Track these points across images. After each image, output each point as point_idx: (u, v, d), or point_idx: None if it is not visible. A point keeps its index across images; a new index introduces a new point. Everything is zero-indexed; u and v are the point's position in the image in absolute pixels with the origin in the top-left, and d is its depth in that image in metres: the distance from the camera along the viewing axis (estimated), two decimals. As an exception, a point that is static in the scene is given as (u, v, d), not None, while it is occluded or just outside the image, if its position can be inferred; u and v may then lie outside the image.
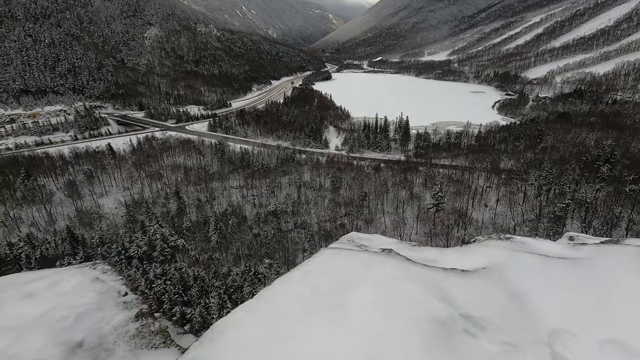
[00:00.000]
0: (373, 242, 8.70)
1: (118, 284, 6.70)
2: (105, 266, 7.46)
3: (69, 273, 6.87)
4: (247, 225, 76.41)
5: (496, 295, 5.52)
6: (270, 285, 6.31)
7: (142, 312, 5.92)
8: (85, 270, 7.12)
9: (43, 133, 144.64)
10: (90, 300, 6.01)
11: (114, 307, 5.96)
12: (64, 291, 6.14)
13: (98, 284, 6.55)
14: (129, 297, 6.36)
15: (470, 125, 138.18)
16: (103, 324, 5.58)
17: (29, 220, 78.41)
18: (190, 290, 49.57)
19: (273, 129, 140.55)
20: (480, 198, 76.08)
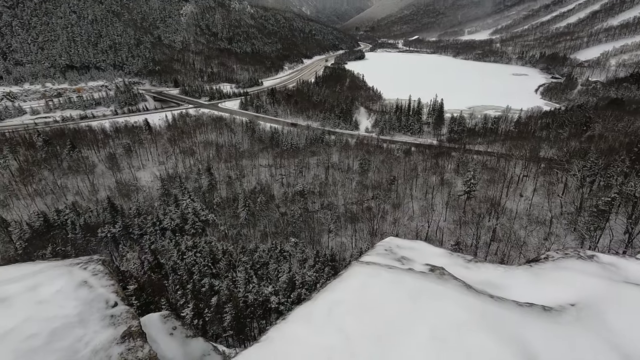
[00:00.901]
0: (416, 252, 7.12)
1: (108, 291, 5.65)
2: (98, 266, 6.42)
3: (54, 273, 5.91)
4: (274, 203, 77.80)
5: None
6: (285, 321, 4.97)
7: (131, 332, 4.86)
8: (74, 271, 6.10)
9: (87, 107, 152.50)
10: (71, 311, 4.95)
11: (98, 322, 4.89)
12: (43, 298, 5.14)
13: (84, 291, 5.49)
14: (118, 310, 5.28)
15: (510, 110, 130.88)
16: (81, 346, 4.49)
17: (74, 189, 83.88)
18: (219, 263, 51.68)
19: (303, 108, 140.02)
20: (516, 187, 72.73)
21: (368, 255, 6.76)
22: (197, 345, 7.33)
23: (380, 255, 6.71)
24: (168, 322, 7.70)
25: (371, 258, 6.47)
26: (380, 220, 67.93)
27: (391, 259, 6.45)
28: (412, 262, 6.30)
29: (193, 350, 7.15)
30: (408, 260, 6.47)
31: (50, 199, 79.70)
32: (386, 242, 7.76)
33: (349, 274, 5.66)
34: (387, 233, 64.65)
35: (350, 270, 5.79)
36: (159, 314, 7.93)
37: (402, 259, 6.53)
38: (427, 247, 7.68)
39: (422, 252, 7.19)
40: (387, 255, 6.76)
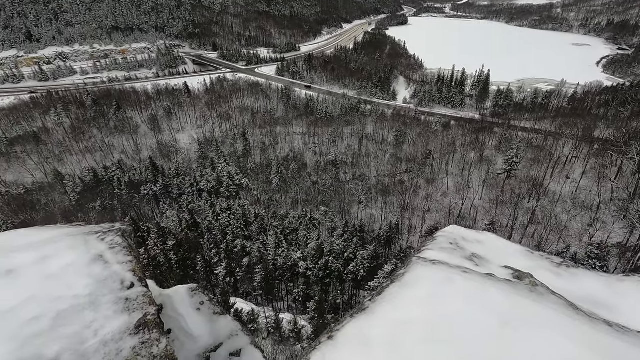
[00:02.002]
0: (487, 248, 5.75)
1: (124, 268, 4.91)
2: (117, 237, 5.64)
3: (68, 243, 5.19)
4: (306, 172, 78.44)
5: None
6: (332, 342, 3.93)
7: (147, 321, 4.15)
8: (90, 241, 5.39)
9: (130, 69, 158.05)
10: (81, 291, 4.30)
11: (110, 306, 4.21)
12: (52, 272, 4.52)
13: (98, 266, 4.80)
14: (134, 292, 4.56)
15: (565, 84, 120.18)
16: (89, 334, 3.80)
17: (119, 147, 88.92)
18: (251, 226, 53.70)
19: (340, 76, 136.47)
20: (562, 169, 68.11)
21: (429, 249, 5.46)
22: (224, 323, 6.80)
23: (445, 250, 5.35)
24: (196, 297, 7.16)
25: (435, 254, 5.16)
26: (413, 194, 66.75)
27: (460, 257, 5.15)
28: (486, 263, 5.07)
29: (220, 329, 6.65)
30: (481, 259, 5.20)
31: (99, 156, 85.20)
32: (449, 231, 6.41)
33: (412, 278, 4.46)
34: (418, 208, 63.69)
35: (412, 271, 4.59)
36: (187, 286, 7.47)
37: (473, 257, 5.22)
38: (498, 240, 6.24)
39: (494, 248, 5.74)
40: (453, 250, 5.40)
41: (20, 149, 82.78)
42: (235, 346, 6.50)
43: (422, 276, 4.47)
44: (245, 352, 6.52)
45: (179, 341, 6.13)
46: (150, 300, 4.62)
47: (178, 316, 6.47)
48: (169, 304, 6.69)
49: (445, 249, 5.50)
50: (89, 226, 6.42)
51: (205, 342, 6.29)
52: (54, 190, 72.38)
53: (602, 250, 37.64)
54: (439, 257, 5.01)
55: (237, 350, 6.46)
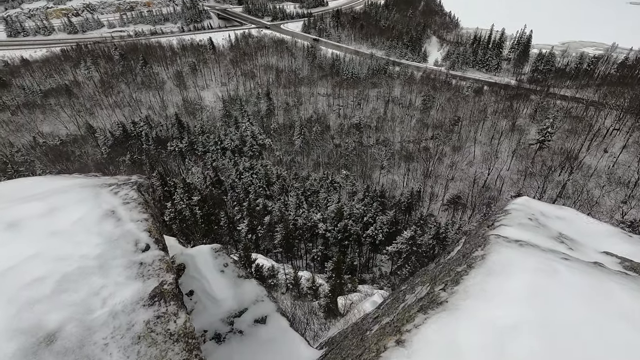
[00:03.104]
0: (572, 226, 4.65)
1: (139, 228, 4.31)
2: (131, 192, 5.01)
3: (77, 196, 4.62)
4: (329, 134, 77.65)
5: None
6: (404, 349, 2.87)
7: (162, 291, 3.64)
8: (102, 194, 4.76)
9: (156, 23, 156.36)
10: (90, 251, 3.79)
11: (122, 271, 3.69)
12: (58, 228, 3.97)
13: (109, 224, 4.22)
14: (150, 255, 4.00)
15: (616, 49, 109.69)
16: (97, 302, 3.34)
17: (146, 103, 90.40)
18: (273, 186, 54.62)
19: (369, 34, 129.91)
20: (601, 141, 64.13)
21: (505, 225, 4.36)
22: (249, 288, 6.34)
23: (525, 227, 4.29)
24: (219, 258, 6.69)
25: (516, 232, 4.13)
26: (437, 162, 65.27)
27: (547, 237, 4.07)
28: (580, 247, 4.05)
29: (245, 293, 6.19)
30: (572, 241, 4.12)
31: (127, 111, 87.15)
32: (522, 203, 5.22)
33: (498, 263, 3.47)
34: (441, 176, 62.49)
35: (495, 253, 3.61)
36: (210, 246, 6.96)
37: (562, 237, 4.15)
38: (583, 217, 5.05)
39: (582, 227, 4.65)
40: (536, 228, 4.27)
41: (54, 102, 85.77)
42: (261, 312, 6.07)
43: (511, 262, 3.45)
44: (271, 320, 6.01)
45: (201, 304, 5.82)
46: (168, 266, 4.01)
47: (201, 277, 6.17)
48: (191, 264, 6.37)
49: (525, 225, 4.34)
50: (103, 177, 5.92)
51: (229, 307, 5.95)
52: (86, 142, 75.51)
53: (634, 228, 36.12)
54: (522, 237, 3.96)
55: (262, 317, 6.01)
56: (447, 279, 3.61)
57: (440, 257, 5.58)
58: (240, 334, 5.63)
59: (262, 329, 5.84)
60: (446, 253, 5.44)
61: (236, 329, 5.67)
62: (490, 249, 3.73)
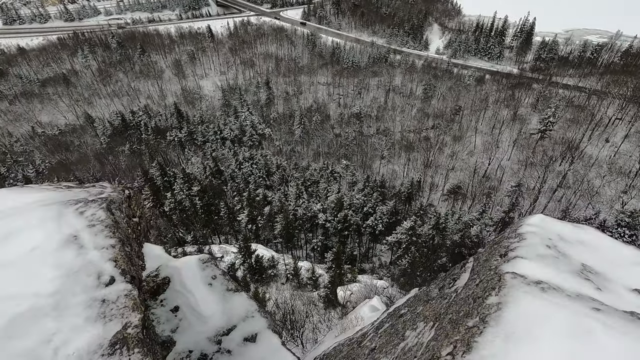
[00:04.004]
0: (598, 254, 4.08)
1: (104, 256, 3.80)
2: (99, 212, 4.39)
3: (38, 216, 4.05)
4: (329, 124, 77.18)
5: None
6: None
7: (125, 337, 3.15)
8: (66, 215, 4.17)
9: (154, 10, 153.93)
10: (45, 287, 3.27)
11: (81, 311, 3.19)
12: (11, 259, 3.47)
13: (71, 252, 3.69)
14: (114, 290, 3.52)
15: (621, 37, 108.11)
16: (48, 354, 2.84)
17: (145, 92, 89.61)
18: (273, 176, 54.52)
19: (369, 22, 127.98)
20: (603, 131, 63.72)
21: (522, 256, 3.77)
22: (239, 302, 5.87)
23: (544, 259, 3.74)
24: (207, 269, 6.23)
25: (535, 268, 3.57)
26: (437, 151, 65.02)
27: (569, 273, 3.56)
28: (608, 283, 3.55)
29: (234, 308, 5.76)
30: (597, 275, 3.63)
31: (125, 100, 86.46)
32: (537, 225, 4.43)
33: (518, 320, 2.87)
34: (442, 166, 62.32)
35: (514, 303, 3.03)
36: (198, 257, 6.46)
37: (585, 271, 3.65)
38: (604, 240, 4.40)
39: (606, 253, 4.09)
40: (556, 260, 3.73)
41: (52, 91, 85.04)
42: (251, 330, 5.63)
43: (536, 319, 2.85)
44: (262, 338, 5.65)
45: (187, 321, 5.46)
46: (135, 303, 3.48)
47: (187, 292, 5.75)
48: (177, 277, 5.92)
49: (545, 257, 3.76)
50: (75, 190, 5.25)
51: (216, 324, 5.56)
52: (85, 132, 75.15)
53: (634, 218, 36.10)
54: (542, 275, 3.42)
55: (252, 334, 5.58)
56: (455, 338, 3.03)
57: (444, 282, 5.03)
58: (229, 354, 5.26)
59: (252, 348, 5.49)
60: (451, 278, 4.91)
61: (224, 349, 5.29)
62: (507, 296, 3.14)
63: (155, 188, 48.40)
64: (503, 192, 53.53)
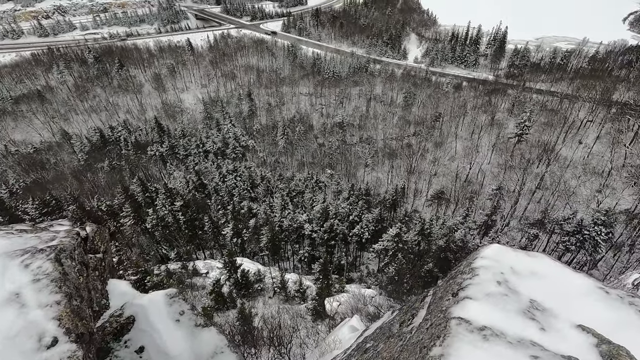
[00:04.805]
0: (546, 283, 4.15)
1: (48, 315, 3.51)
2: (46, 264, 4.08)
3: None
4: (313, 134, 77.46)
5: None
6: None
7: None
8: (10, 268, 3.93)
9: (131, 24, 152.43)
10: None
11: None
12: None
13: (11, 312, 3.45)
14: (56, 353, 3.25)
15: (587, 43, 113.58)
16: None
17: (124, 107, 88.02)
18: (257, 188, 54.09)
19: (349, 33, 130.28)
20: (576, 133, 66.21)
21: (471, 297, 3.82)
22: (208, 337, 5.75)
23: (492, 299, 3.78)
24: (175, 305, 6.02)
25: (482, 310, 3.63)
26: (420, 158, 66.05)
27: (516, 311, 3.60)
28: (554, 319, 3.59)
29: (203, 345, 5.63)
30: (544, 312, 3.67)
31: (104, 115, 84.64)
32: (492, 257, 4.50)
33: None
34: (424, 172, 63.26)
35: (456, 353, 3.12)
36: (164, 292, 6.24)
37: (533, 308, 3.69)
38: (558, 268, 4.50)
39: (556, 284, 4.16)
40: (505, 299, 3.77)
41: (25, 108, 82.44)
42: None
43: None
44: None
45: None
46: None
47: (153, 331, 5.49)
48: (142, 315, 5.68)
49: (493, 296, 3.80)
50: (25, 236, 4.84)
51: None
52: (62, 149, 72.96)
53: (610, 216, 37.44)
54: (488, 318, 3.46)
55: None
56: None
57: (405, 317, 5.03)
58: (197, 396, 4.79)
59: (223, 385, 5.09)
60: (410, 314, 4.89)
61: (192, 391, 4.84)
62: (449, 347, 3.20)
63: (137, 205, 47.23)
64: (485, 195, 54.70)
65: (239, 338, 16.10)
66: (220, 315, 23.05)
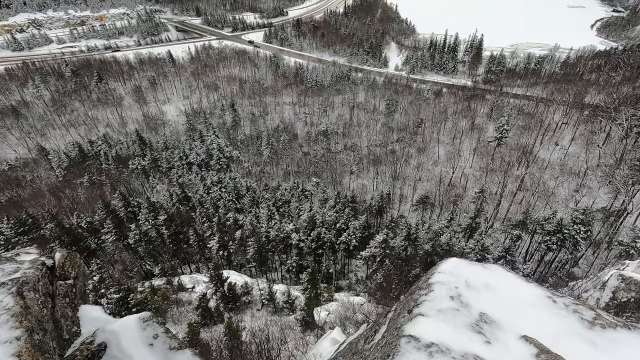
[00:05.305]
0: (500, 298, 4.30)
1: (8, 351, 3.40)
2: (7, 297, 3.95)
3: None
4: (297, 142, 77.56)
5: None
6: None
7: None
8: None
9: (110, 37, 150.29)
10: None
11: None
12: None
13: None
14: None
15: (558, 49, 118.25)
16: None
17: (104, 121, 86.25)
18: (243, 199, 53.56)
19: (330, 42, 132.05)
20: (552, 135, 68.49)
21: (423, 314, 3.96)
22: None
23: (443, 315, 3.94)
24: (148, 329, 5.84)
25: (432, 326, 3.77)
26: (404, 164, 66.90)
27: (465, 326, 3.76)
28: (500, 332, 3.73)
29: None
30: (492, 324, 3.83)
31: (83, 129, 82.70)
32: (449, 272, 4.70)
33: None
34: (409, 177, 64.05)
35: None
36: (138, 316, 6.10)
37: (482, 321, 3.85)
38: (511, 279, 4.70)
39: (508, 296, 4.33)
40: (456, 314, 3.93)
41: (-1, 124, 79.82)
42: None
43: None
44: None
45: None
46: None
47: (124, 357, 5.30)
48: (114, 342, 5.48)
49: (445, 312, 3.96)
50: None
51: None
52: (39, 166, 70.71)
53: (587, 215, 38.62)
54: (438, 333, 3.61)
55: None
56: None
57: (369, 333, 5.10)
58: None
59: (199, 408, 4.86)
60: (374, 330, 4.96)
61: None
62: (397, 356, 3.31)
63: (118, 220, 46.02)
64: (468, 198, 55.68)
65: (226, 353, 15.76)
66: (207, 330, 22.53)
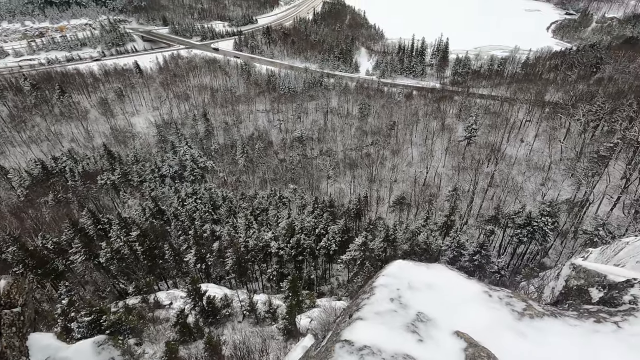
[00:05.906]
0: (439, 295, 4.44)
1: None
2: None
3: None
4: (273, 150, 77.13)
5: None
6: None
7: None
8: None
9: (72, 48, 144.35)
10: None
11: None
12: None
13: None
14: None
15: (518, 51, 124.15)
16: None
17: (69, 136, 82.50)
18: (219, 209, 52.54)
19: (301, 49, 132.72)
20: (518, 132, 71.62)
21: (362, 318, 3.99)
22: None
23: (381, 317, 4.00)
24: (103, 353, 5.67)
25: (368, 329, 3.79)
26: (379, 166, 67.88)
27: (400, 326, 3.84)
28: (434, 329, 3.83)
29: None
30: (427, 322, 3.92)
31: (46, 146, 78.75)
32: (393, 274, 4.87)
33: None
34: (385, 179, 65.02)
35: None
36: (92, 340, 5.90)
37: (418, 321, 3.93)
38: (453, 278, 4.88)
39: (447, 294, 4.45)
40: (394, 314, 4.00)
41: (-49, 144, 74.68)
42: None
43: None
44: None
45: None
46: None
47: None
48: None
49: (382, 314, 4.02)
50: None
51: None
52: (-3, 186, 66.53)
53: (554, 207, 40.52)
54: (372, 336, 3.65)
55: None
56: None
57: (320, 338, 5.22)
58: None
59: None
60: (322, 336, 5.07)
61: None
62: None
63: (88, 239, 43.91)
64: (443, 197, 57.15)
65: (207, 370, 15.26)
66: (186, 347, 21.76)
